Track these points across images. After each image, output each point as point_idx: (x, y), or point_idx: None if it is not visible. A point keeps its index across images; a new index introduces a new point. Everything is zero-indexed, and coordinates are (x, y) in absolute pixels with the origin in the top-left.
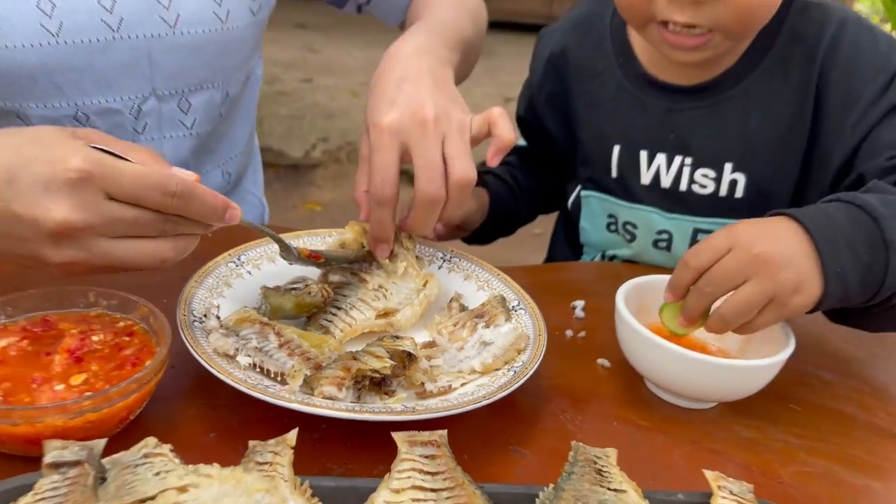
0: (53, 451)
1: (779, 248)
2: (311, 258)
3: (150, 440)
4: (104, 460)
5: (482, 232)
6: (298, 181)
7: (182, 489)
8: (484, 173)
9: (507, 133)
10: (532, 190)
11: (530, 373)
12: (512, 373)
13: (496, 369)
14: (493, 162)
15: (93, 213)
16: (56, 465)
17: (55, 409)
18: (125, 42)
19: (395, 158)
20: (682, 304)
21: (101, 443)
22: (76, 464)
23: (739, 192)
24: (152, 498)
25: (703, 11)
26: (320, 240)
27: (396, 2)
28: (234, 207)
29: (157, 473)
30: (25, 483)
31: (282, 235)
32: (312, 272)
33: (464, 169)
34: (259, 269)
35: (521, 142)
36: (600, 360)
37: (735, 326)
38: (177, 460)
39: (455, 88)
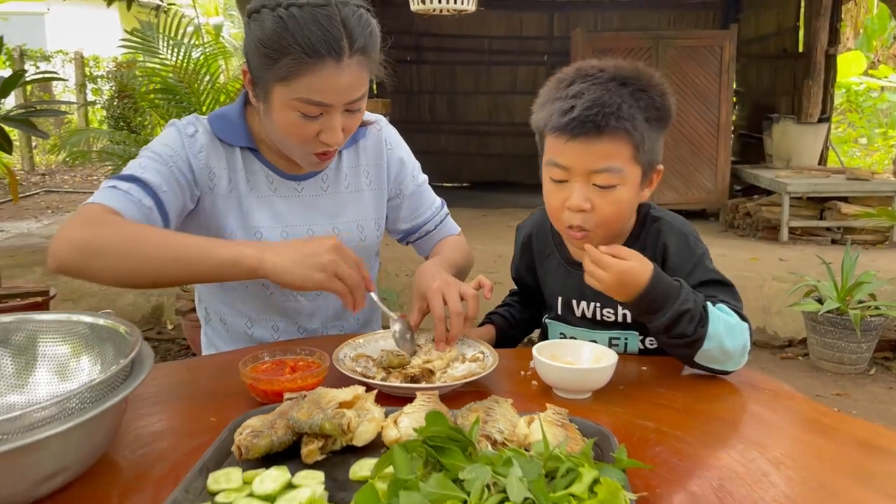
0: (287, 394)
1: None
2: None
3: (322, 388)
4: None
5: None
6: None
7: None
8: (492, 314)
9: (488, 285)
10: (526, 320)
11: (486, 373)
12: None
13: (472, 376)
14: (488, 294)
15: (338, 244)
16: (289, 398)
17: (288, 381)
18: None
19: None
20: None
21: (304, 393)
22: (295, 398)
23: (630, 318)
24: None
25: (581, 217)
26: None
27: (428, 246)
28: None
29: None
30: (274, 407)
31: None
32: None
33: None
34: (369, 345)
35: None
36: (533, 382)
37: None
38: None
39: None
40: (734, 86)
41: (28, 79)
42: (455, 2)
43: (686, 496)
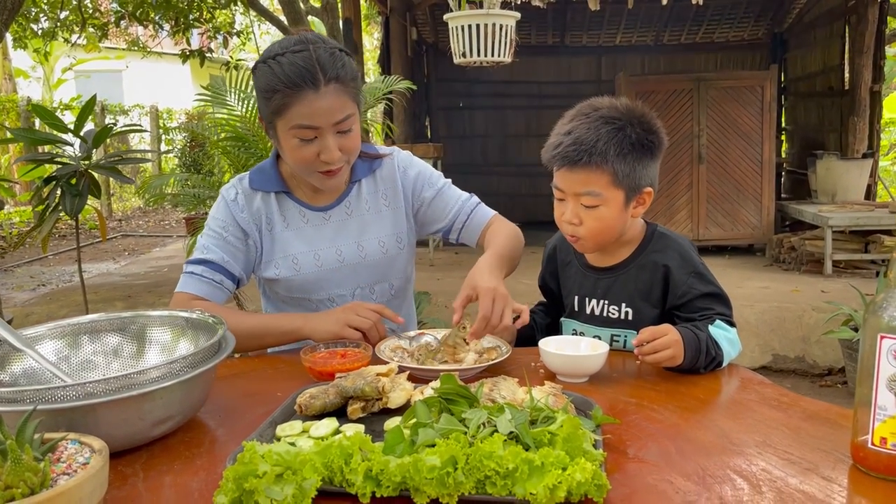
0: (338, 374)
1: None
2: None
3: (366, 367)
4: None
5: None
6: None
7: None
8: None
9: (525, 317)
10: (546, 325)
11: (500, 359)
12: (494, 362)
13: (488, 361)
14: (518, 324)
15: (354, 303)
16: (339, 377)
17: (339, 364)
18: (345, 267)
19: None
20: None
21: (351, 373)
22: (344, 376)
23: (630, 317)
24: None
25: (572, 228)
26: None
27: (474, 235)
28: (399, 320)
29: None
30: (329, 383)
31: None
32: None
33: (506, 320)
34: (403, 342)
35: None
36: (540, 371)
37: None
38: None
39: (503, 282)
40: (783, 124)
41: (115, 131)
42: (492, 55)
43: (648, 443)
